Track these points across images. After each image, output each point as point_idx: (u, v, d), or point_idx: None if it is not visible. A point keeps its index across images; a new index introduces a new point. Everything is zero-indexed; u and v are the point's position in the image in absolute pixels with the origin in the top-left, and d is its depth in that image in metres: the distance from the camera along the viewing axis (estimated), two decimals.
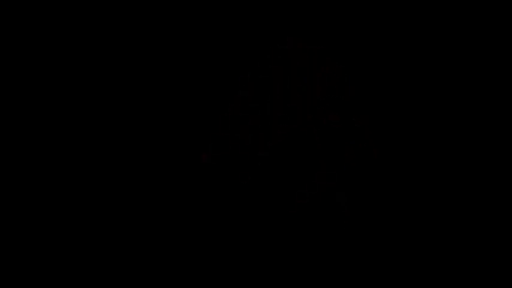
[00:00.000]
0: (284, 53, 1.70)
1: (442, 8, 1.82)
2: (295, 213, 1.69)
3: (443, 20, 1.82)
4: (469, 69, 1.83)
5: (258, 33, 1.71)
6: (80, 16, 1.81)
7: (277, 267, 1.65)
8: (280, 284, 1.63)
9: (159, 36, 1.83)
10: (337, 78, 1.70)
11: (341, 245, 1.69)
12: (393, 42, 1.79)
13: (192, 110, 1.74)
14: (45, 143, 1.79)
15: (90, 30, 1.80)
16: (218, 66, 1.75)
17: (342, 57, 1.71)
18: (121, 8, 1.82)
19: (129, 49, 1.83)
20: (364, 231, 1.70)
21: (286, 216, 1.68)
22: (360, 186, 1.70)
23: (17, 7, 1.84)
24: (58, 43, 1.82)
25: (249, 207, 1.68)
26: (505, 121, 1.82)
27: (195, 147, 1.74)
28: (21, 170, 1.78)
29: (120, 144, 1.77)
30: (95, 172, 1.76)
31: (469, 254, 1.76)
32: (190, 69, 1.77)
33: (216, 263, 1.63)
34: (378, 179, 1.72)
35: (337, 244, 1.69)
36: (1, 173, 1.78)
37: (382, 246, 1.70)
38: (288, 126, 1.68)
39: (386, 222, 1.71)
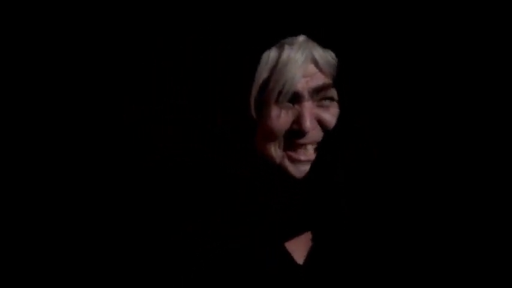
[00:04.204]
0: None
1: (442, 8, 1.83)
2: (294, 213, 1.70)
3: (444, 20, 1.83)
4: (469, 70, 1.83)
5: (257, 33, 1.71)
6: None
7: (277, 267, 1.65)
8: (280, 284, 1.64)
9: (156, 35, 1.83)
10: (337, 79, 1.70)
11: (341, 245, 1.69)
12: (393, 42, 1.80)
13: (191, 110, 1.74)
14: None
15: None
16: (218, 67, 1.75)
17: (341, 57, 1.71)
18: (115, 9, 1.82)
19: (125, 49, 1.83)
20: (364, 231, 1.70)
21: (286, 216, 1.69)
22: (360, 186, 1.71)
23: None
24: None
25: (248, 207, 1.69)
26: (506, 120, 1.83)
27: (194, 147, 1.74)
28: None
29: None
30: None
31: (469, 254, 1.77)
32: (189, 70, 1.77)
33: (212, 265, 1.63)
34: (378, 179, 1.73)
35: (337, 244, 1.69)
36: None
37: (382, 247, 1.70)
38: (288, 126, 1.69)
39: (386, 222, 1.72)
